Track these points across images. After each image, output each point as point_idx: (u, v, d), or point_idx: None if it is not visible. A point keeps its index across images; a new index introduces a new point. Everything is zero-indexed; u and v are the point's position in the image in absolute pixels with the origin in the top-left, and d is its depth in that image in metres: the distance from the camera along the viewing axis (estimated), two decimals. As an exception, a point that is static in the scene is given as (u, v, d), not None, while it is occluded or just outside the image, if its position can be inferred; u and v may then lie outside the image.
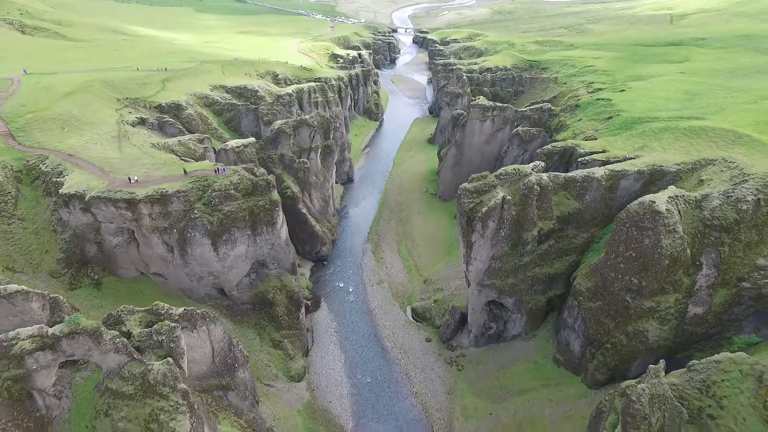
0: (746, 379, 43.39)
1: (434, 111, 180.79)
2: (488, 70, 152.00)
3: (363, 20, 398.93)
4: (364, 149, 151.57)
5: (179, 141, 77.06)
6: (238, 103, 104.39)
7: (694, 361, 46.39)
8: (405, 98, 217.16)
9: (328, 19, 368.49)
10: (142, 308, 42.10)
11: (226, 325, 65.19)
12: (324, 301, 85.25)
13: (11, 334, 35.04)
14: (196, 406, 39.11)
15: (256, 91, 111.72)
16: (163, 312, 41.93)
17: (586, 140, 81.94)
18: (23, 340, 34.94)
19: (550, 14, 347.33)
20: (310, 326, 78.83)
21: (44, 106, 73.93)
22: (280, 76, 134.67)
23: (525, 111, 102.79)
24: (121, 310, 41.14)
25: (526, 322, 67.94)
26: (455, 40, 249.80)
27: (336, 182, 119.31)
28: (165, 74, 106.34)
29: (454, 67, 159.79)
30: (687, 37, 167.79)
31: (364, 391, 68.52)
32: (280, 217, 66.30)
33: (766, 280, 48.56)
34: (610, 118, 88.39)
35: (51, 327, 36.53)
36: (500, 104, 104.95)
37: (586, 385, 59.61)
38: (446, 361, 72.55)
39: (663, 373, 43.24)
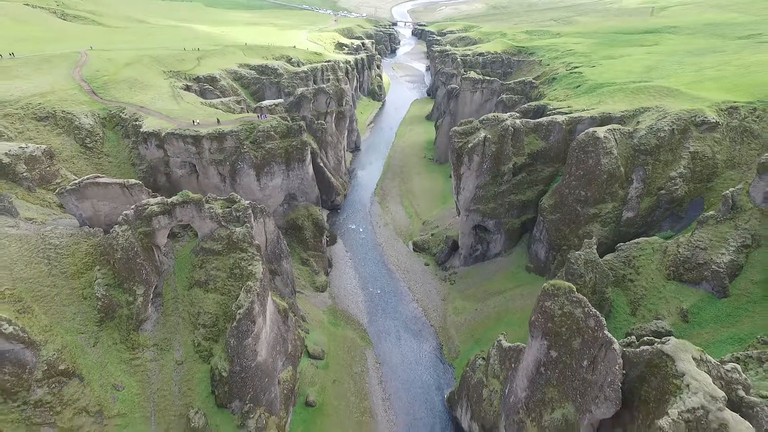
0: (656, 253, 60.30)
1: (432, 92, 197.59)
2: (480, 54, 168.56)
3: (364, 14, 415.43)
4: (369, 124, 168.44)
5: (221, 101, 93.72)
6: (262, 78, 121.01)
7: (620, 243, 63.44)
8: (405, 83, 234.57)
9: (331, 12, 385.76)
10: (222, 197, 58.78)
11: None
12: (339, 238, 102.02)
13: (144, 201, 51.65)
14: (264, 259, 55.80)
15: (276, 69, 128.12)
16: (237, 200, 58.53)
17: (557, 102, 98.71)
18: (152, 205, 51.53)
19: (542, 8, 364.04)
20: (329, 255, 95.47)
21: (113, 72, 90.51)
22: (293, 59, 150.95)
23: (510, 84, 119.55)
24: (209, 196, 57.81)
25: (505, 241, 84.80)
26: (451, 31, 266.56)
27: (346, 150, 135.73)
28: (198, 53, 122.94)
29: (450, 53, 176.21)
30: (662, 26, 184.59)
31: (375, 298, 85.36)
32: (309, 156, 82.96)
33: (675, 187, 65.48)
34: (579, 86, 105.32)
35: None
36: (488, 78, 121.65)
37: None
38: (441, 279, 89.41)
39: (594, 246, 59.92)
